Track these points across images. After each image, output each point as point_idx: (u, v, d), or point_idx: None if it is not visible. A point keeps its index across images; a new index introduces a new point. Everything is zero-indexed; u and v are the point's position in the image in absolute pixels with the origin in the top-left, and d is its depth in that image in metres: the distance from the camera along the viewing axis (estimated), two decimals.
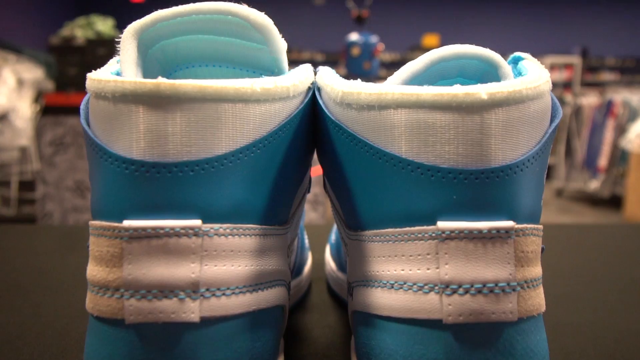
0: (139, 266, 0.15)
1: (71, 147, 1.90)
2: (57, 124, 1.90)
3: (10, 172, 2.16)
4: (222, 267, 0.16)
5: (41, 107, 2.09)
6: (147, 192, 0.15)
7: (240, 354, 0.17)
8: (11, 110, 2.11)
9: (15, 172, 2.16)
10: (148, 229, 0.15)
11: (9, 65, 2.16)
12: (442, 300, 0.16)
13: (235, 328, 0.17)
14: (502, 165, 0.16)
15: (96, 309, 0.16)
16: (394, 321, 0.17)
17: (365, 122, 0.17)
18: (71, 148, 1.90)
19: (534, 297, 0.16)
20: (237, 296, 0.17)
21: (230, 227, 0.16)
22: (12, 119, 2.12)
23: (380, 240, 0.17)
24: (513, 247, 0.16)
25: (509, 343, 0.16)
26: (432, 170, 0.16)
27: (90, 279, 0.16)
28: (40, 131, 1.89)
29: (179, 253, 0.15)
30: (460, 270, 0.16)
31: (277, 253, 0.19)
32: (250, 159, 0.17)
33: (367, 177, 0.18)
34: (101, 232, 0.16)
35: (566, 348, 0.27)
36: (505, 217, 0.16)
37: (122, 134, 0.16)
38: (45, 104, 2.02)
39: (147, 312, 0.15)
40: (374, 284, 0.18)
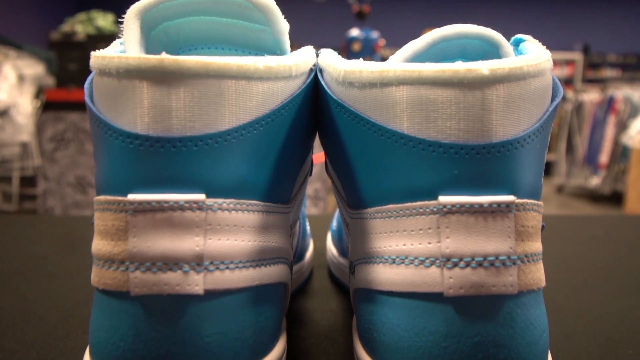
0: (143, 239, 0.16)
1: (72, 142, 1.90)
2: (57, 119, 1.90)
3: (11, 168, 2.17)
4: (226, 242, 0.16)
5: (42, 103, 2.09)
6: (151, 166, 0.16)
7: (244, 327, 0.17)
8: (12, 105, 2.11)
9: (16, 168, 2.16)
10: (153, 202, 0.15)
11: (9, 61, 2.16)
12: (443, 274, 0.16)
13: (238, 302, 0.17)
14: (503, 140, 0.16)
15: (101, 282, 0.16)
16: (395, 296, 0.17)
17: (367, 100, 0.17)
18: (72, 144, 1.90)
19: (534, 272, 0.17)
20: (241, 270, 0.17)
21: (234, 203, 0.17)
22: (13, 115, 2.12)
23: (382, 217, 0.18)
24: (513, 222, 0.16)
25: (509, 316, 0.16)
26: (433, 145, 0.16)
27: (96, 253, 0.17)
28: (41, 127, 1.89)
29: (183, 226, 0.16)
30: (461, 243, 0.16)
31: (279, 231, 0.19)
32: (253, 135, 0.17)
33: (369, 154, 0.18)
34: (106, 207, 0.16)
35: (566, 330, 0.27)
36: (506, 192, 0.16)
37: (127, 109, 0.16)
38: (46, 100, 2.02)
39: (151, 284, 0.15)
40: (376, 260, 0.18)
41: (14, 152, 2.14)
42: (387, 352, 0.17)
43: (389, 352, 0.17)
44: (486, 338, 0.16)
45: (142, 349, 0.16)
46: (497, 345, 0.16)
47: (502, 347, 0.16)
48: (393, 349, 0.17)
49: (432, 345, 0.16)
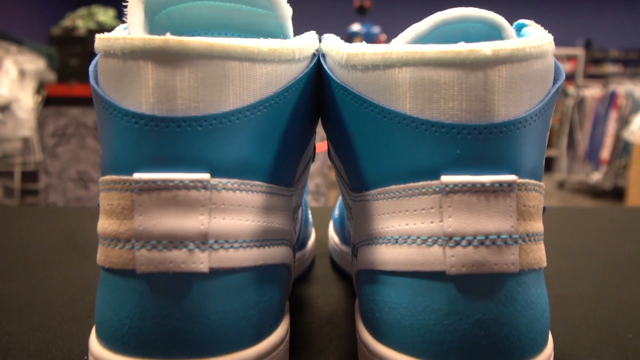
0: (149, 217, 0.16)
1: (73, 138, 1.90)
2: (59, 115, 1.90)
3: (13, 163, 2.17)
4: (230, 221, 0.17)
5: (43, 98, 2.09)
6: (156, 145, 0.16)
7: (248, 306, 0.17)
8: (13, 101, 2.11)
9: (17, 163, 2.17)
10: (158, 181, 0.16)
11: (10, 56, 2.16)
12: (445, 252, 0.16)
13: (243, 281, 0.17)
14: (505, 120, 0.16)
15: (107, 261, 0.17)
16: (398, 275, 0.17)
17: (370, 82, 0.17)
18: (73, 139, 1.90)
19: (535, 251, 0.17)
20: (245, 250, 0.17)
21: (238, 183, 0.17)
22: (14, 110, 2.12)
23: (385, 198, 0.18)
24: (515, 201, 0.16)
25: (510, 294, 0.16)
26: (436, 126, 0.16)
27: (101, 232, 0.17)
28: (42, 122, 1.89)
29: (188, 205, 0.16)
30: (464, 222, 0.16)
31: (283, 213, 0.19)
32: (257, 117, 0.17)
33: (372, 136, 0.18)
34: (112, 186, 0.16)
35: (566, 317, 0.27)
36: (508, 171, 0.16)
37: (132, 89, 0.16)
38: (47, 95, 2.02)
39: (157, 262, 0.16)
40: (378, 241, 0.18)
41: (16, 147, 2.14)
42: (389, 331, 0.17)
43: (391, 331, 0.17)
44: (488, 316, 0.16)
45: (147, 326, 0.16)
46: (499, 322, 0.16)
47: (503, 324, 0.16)
48: (395, 327, 0.17)
49: (434, 323, 0.16)
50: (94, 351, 0.17)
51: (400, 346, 0.17)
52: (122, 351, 0.16)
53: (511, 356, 0.16)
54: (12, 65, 2.11)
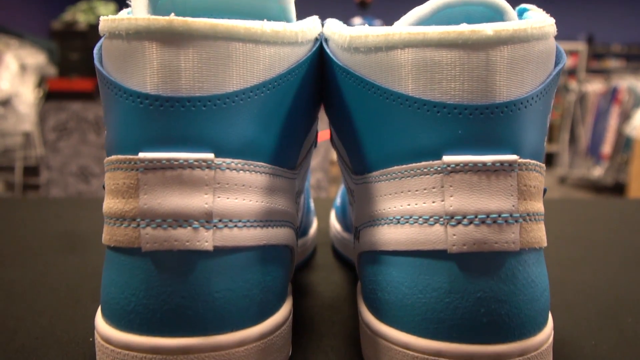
0: (154, 196, 0.16)
1: (74, 132, 1.90)
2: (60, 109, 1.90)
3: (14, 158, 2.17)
4: (234, 200, 0.17)
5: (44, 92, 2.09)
6: (161, 125, 0.16)
7: (252, 285, 0.17)
8: (14, 95, 2.11)
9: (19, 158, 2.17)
10: (163, 160, 0.16)
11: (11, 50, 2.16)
12: (446, 231, 0.16)
13: (246, 260, 0.17)
14: (506, 101, 0.16)
15: (113, 240, 0.17)
16: (399, 255, 0.18)
17: (373, 64, 0.18)
18: (74, 134, 1.90)
19: (535, 230, 0.17)
20: (249, 229, 0.17)
21: (242, 163, 0.17)
22: (15, 104, 2.12)
23: (387, 179, 0.18)
24: (516, 180, 0.16)
25: (511, 272, 0.16)
26: (438, 106, 0.16)
27: (107, 211, 0.17)
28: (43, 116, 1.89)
29: (192, 184, 0.16)
30: (465, 201, 0.16)
31: (286, 195, 0.20)
32: (260, 98, 0.17)
33: (374, 118, 0.18)
34: (117, 166, 0.17)
35: (566, 302, 0.27)
36: (509, 151, 0.16)
37: (136, 70, 0.16)
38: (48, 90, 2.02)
39: (162, 240, 0.16)
40: (381, 222, 0.18)
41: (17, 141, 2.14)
42: (391, 310, 0.18)
43: (393, 310, 0.18)
44: (488, 294, 0.16)
45: (153, 303, 0.16)
46: (499, 300, 0.16)
47: (503, 302, 0.16)
48: (397, 306, 0.17)
49: (435, 302, 0.17)
50: (100, 329, 0.17)
51: (402, 325, 0.17)
52: (128, 328, 0.16)
53: (511, 334, 0.16)
54: (12, 60, 2.11)
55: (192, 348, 0.16)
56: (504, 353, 0.16)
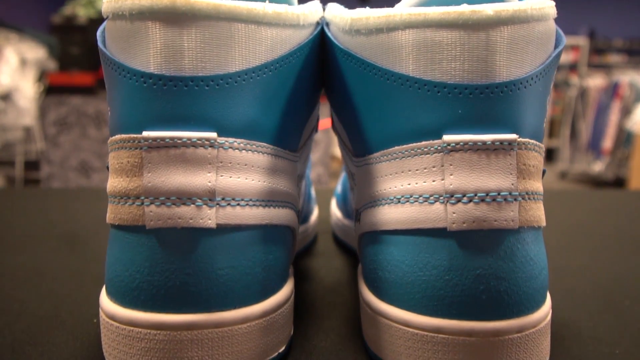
0: (158, 174, 0.16)
1: (75, 127, 1.90)
2: (60, 103, 1.90)
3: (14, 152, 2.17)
4: (237, 179, 0.17)
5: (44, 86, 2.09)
6: (164, 104, 0.16)
7: (254, 263, 0.17)
8: (14, 89, 2.11)
9: (19, 152, 2.17)
10: (166, 138, 0.16)
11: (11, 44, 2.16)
12: (446, 209, 0.16)
13: (249, 238, 0.17)
14: (506, 81, 0.16)
15: (117, 218, 0.17)
16: (400, 234, 0.18)
17: (374, 46, 0.18)
18: (75, 128, 1.90)
19: (534, 209, 0.17)
20: (251, 208, 0.17)
21: (244, 142, 0.17)
22: (15, 99, 2.12)
23: (387, 159, 0.18)
24: (515, 159, 0.16)
25: (510, 250, 0.17)
26: (438, 86, 0.17)
27: (111, 190, 0.17)
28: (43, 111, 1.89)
29: (196, 162, 0.16)
30: (465, 180, 0.16)
31: (287, 177, 0.20)
32: (263, 79, 0.17)
33: (375, 99, 0.18)
34: (121, 145, 0.17)
35: (565, 286, 0.28)
36: (509, 131, 0.17)
37: (140, 50, 0.16)
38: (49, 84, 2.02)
39: (166, 218, 0.16)
40: (382, 202, 0.18)
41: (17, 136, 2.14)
42: (391, 289, 0.18)
43: (393, 288, 0.18)
44: (487, 271, 0.16)
45: (157, 280, 0.16)
46: (498, 277, 0.16)
47: (502, 279, 0.16)
48: (398, 284, 0.18)
49: (435, 279, 0.17)
50: (104, 307, 0.18)
51: (402, 303, 0.18)
52: (132, 305, 0.17)
53: (510, 311, 0.17)
54: (12, 54, 2.10)
55: (196, 324, 0.16)
56: (503, 329, 0.17)
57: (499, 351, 0.17)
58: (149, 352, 0.16)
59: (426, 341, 0.17)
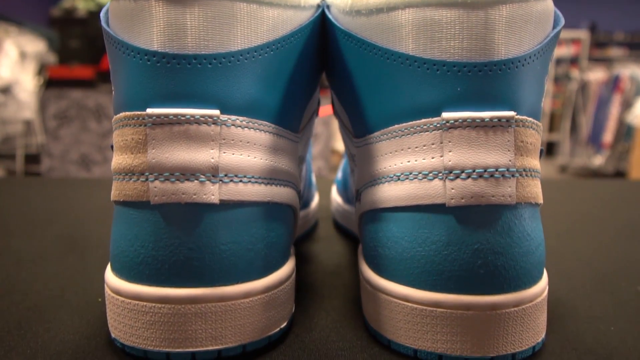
0: (162, 150, 0.16)
1: (75, 120, 1.90)
2: (60, 97, 1.90)
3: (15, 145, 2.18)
4: (239, 156, 0.17)
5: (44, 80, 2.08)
6: (168, 81, 0.16)
7: (257, 239, 0.18)
8: (14, 82, 2.10)
9: (20, 145, 2.17)
10: (170, 115, 0.16)
11: (10, 37, 2.15)
12: (445, 185, 0.17)
13: (251, 214, 0.18)
14: (504, 59, 0.17)
15: (122, 194, 0.17)
16: (400, 211, 0.18)
17: (374, 26, 0.18)
18: (75, 121, 1.90)
19: (531, 186, 0.17)
20: (253, 185, 0.18)
21: (246, 120, 0.17)
22: (15, 92, 2.12)
23: (387, 138, 0.18)
24: (513, 136, 0.17)
25: (507, 225, 0.17)
26: (437, 65, 0.17)
27: (116, 167, 0.18)
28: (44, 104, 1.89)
29: (199, 139, 0.17)
30: (463, 156, 0.17)
31: (289, 157, 0.20)
32: (264, 58, 0.18)
33: (376, 78, 0.18)
34: (126, 122, 0.17)
35: (563, 269, 0.28)
36: (507, 108, 0.17)
37: (144, 28, 0.16)
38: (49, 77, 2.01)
39: (170, 193, 0.16)
40: (382, 180, 0.19)
41: (18, 129, 2.14)
42: (391, 265, 0.18)
43: (393, 264, 0.18)
44: (485, 246, 0.17)
45: (161, 254, 0.17)
46: (495, 252, 0.17)
47: (499, 254, 0.17)
48: (397, 260, 0.18)
49: (434, 254, 0.17)
50: (110, 282, 0.18)
51: (401, 278, 0.18)
52: (137, 280, 0.17)
53: (507, 285, 0.17)
54: (12, 47, 2.10)
55: (200, 298, 0.17)
56: (500, 303, 0.17)
57: (496, 325, 0.17)
58: (154, 325, 0.17)
59: (425, 315, 0.17)
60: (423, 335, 0.18)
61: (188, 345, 0.17)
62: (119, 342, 0.18)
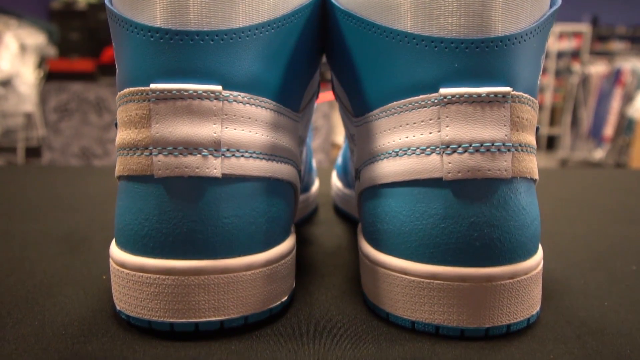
0: (165, 125, 0.17)
1: (76, 113, 1.90)
2: (61, 90, 1.90)
3: (16, 139, 2.18)
4: (241, 131, 0.18)
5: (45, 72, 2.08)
6: (171, 58, 0.17)
7: (258, 213, 0.18)
8: (15, 75, 2.10)
9: (20, 139, 2.18)
10: (173, 90, 0.17)
11: (10, 30, 2.14)
12: (442, 160, 0.17)
13: (253, 189, 0.18)
14: (501, 35, 0.17)
15: (127, 169, 0.18)
16: (398, 186, 0.18)
17: (373, 5, 0.18)
18: (76, 114, 1.90)
19: (527, 161, 0.18)
20: (255, 160, 0.18)
21: (248, 97, 0.18)
22: (16, 85, 2.12)
23: (386, 115, 0.19)
24: (509, 112, 0.17)
25: (503, 199, 0.17)
26: (435, 41, 0.17)
27: (120, 143, 0.18)
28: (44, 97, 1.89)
29: (202, 114, 0.17)
30: (460, 131, 0.17)
31: (289, 135, 0.20)
32: (265, 36, 0.18)
33: (375, 57, 0.19)
34: (130, 98, 0.17)
35: (559, 250, 0.28)
36: (504, 84, 0.17)
37: (147, 5, 0.17)
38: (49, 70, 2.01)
39: (174, 167, 0.17)
40: (380, 157, 0.19)
41: (18, 122, 2.14)
42: (390, 239, 0.19)
43: (392, 238, 0.19)
44: (481, 219, 0.17)
45: (165, 227, 0.17)
46: (491, 225, 0.17)
47: (495, 227, 0.17)
48: (396, 234, 0.18)
49: (431, 227, 0.18)
50: (115, 256, 0.18)
51: (400, 252, 0.18)
52: (142, 252, 0.18)
53: (502, 257, 0.17)
54: (12, 40, 2.09)
55: (203, 270, 0.17)
56: (495, 275, 0.17)
57: (492, 296, 0.17)
58: (158, 297, 0.17)
59: (422, 287, 0.18)
60: (420, 307, 0.18)
61: (191, 315, 0.17)
62: (124, 314, 0.18)
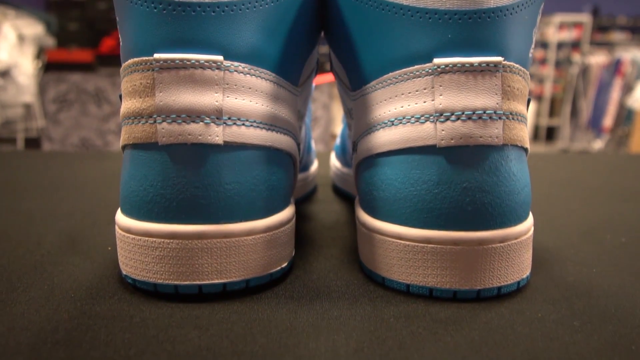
0: (169, 93, 0.17)
1: (75, 104, 1.90)
2: (60, 80, 1.90)
3: (15, 129, 2.18)
4: (242, 101, 0.18)
5: (43, 63, 2.08)
6: (174, 28, 0.17)
7: (259, 181, 0.19)
8: (13, 66, 2.09)
9: (20, 129, 2.18)
10: (176, 60, 0.17)
11: (8, 20, 2.13)
12: (436, 127, 0.18)
13: (254, 157, 0.19)
14: (493, 7, 0.17)
15: (132, 137, 0.18)
16: (393, 154, 0.19)
17: None
18: (75, 105, 1.90)
19: (518, 129, 0.18)
20: (255, 129, 0.19)
21: (248, 67, 0.18)
22: (14, 75, 2.11)
23: (382, 86, 0.19)
24: (500, 81, 0.18)
25: (494, 165, 0.18)
26: (430, 13, 0.18)
27: (125, 112, 0.19)
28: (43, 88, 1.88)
29: (204, 83, 0.17)
30: (453, 99, 0.18)
31: (289, 107, 0.21)
32: (265, 9, 0.18)
33: (371, 29, 0.19)
34: (134, 68, 0.18)
35: (551, 225, 0.29)
36: (495, 54, 0.18)
37: None
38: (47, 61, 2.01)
39: (177, 134, 0.17)
40: (377, 127, 0.20)
41: (17, 113, 2.14)
42: (386, 206, 0.19)
43: (387, 205, 0.19)
44: (473, 184, 0.18)
45: (169, 193, 0.18)
46: (483, 190, 0.18)
47: (486, 192, 0.18)
48: (391, 201, 0.19)
49: (425, 193, 0.18)
50: (120, 223, 0.19)
51: (395, 218, 0.19)
52: (147, 218, 0.18)
53: (493, 222, 0.18)
54: (10, 30, 2.08)
55: (206, 234, 0.18)
56: (486, 238, 0.18)
57: (483, 259, 0.18)
58: (163, 260, 0.18)
59: (417, 251, 0.19)
60: (415, 271, 0.19)
61: (195, 278, 0.18)
62: (130, 278, 0.19)
